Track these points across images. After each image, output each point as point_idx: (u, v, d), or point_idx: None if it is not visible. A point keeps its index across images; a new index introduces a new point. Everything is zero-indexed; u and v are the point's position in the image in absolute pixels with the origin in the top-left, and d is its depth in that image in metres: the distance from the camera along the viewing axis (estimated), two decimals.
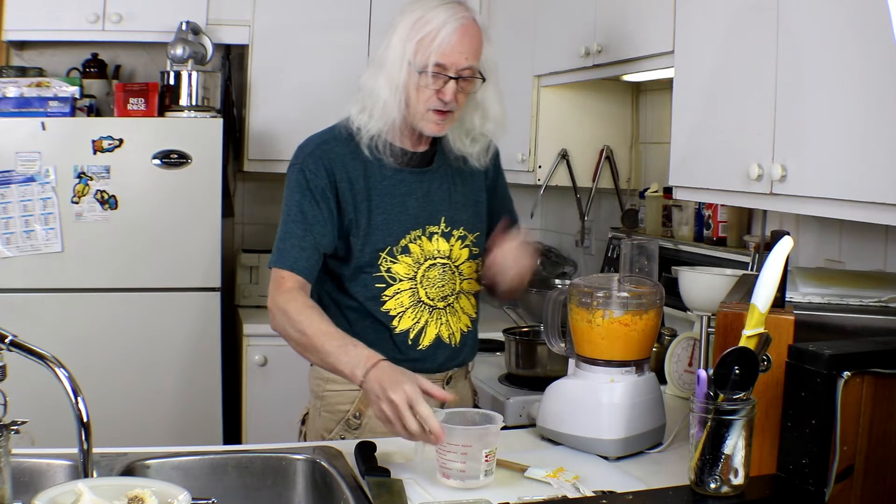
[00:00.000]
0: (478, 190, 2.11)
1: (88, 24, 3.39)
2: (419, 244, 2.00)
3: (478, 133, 2.04)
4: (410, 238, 1.99)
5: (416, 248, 1.99)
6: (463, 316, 2.08)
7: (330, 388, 2.04)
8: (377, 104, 1.93)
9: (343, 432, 2.01)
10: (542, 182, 3.28)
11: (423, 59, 1.88)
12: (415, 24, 1.89)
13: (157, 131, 3.25)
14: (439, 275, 2.01)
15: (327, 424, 2.04)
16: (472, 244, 2.07)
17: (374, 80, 1.94)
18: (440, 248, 2.02)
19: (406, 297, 1.99)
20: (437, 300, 2.02)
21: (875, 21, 1.58)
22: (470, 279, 2.07)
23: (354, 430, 2.01)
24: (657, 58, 2.45)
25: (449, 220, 2.03)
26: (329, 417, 2.04)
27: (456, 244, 2.04)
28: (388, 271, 1.98)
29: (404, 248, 1.98)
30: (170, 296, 3.29)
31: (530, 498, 1.57)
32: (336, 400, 2.03)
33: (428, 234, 2.01)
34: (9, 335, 1.35)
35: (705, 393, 1.48)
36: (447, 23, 1.88)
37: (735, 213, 2.69)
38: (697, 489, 1.51)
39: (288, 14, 3.63)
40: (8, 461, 1.33)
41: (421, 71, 1.89)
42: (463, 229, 2.05)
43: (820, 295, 1.79)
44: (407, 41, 1.89)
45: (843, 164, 1.71)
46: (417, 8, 1.92)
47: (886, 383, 1.49)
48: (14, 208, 3.13)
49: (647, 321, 1.84)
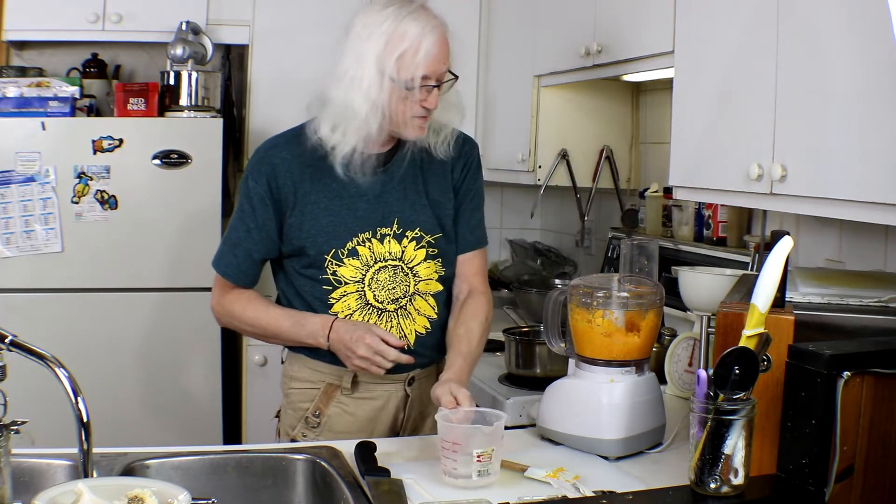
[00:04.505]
0: (442, 189, 2.05)
1: (88, 24, 3.39)
2: (368, 246, 1.97)
3: (438, 124, 2.00)
4: (358, 241, 1.96)
5: (364, 251, 1.97)
6: (419, 318, 2.02)
7: (293, 385, 2.06)
8: (353, 121, 1.87)
9: (304, 430, 2.03)
10: (542, 182, 3.28)
11: (408, 74, 1.84)
12: (389, 39, 1.84)
13: (157, 131, 3.25)
14: (390, 277, 1.98)
15: (291, 422, 2.06)
16: (429, 245, 2.01)
17: (345, 95, 1.87)
18: (391, 250, 1.98)
19: (353, 300, 1.97)
20: (386, 303, 1.98)
21: (875, 21, 1.58)
22: (428, 280, 2.02)
23: (314, 429, 2.02)
24: (657, 58, 2.45)
25: (402, 222, 1.99)
26: (292, 415, 2.06)
27: (409, 245, 2.00)
28: (334, 274, 1.96)
29: (351, 250, 1.96)
30: (170, 296, 3.28)
31: (530, 498, 1.57)
32: (298, 398, 2.05)
33: (379, 237, 1.97)
34: (9, 335, 1.35)
35: (705, 393, 1.48)
36: (424, 35, 1.84)
37: (735, 213, 2.69)
38: (697, 489, 1.51)
39: (288, 14, 3.63)
40: (8, 461, 1.33)
41: (409, 87, 1.85)
42: (419, 230, 2.00)
43: (820, 295, 1.79)
44: (384, 57, 1.84)
45: (843, 164, 1.71)
46: (382, 19, 1.86)
47: (886, 383, 1.49)
48: (14, 208, 3.13)
49: (647, 321, 1.84)
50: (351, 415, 2.02)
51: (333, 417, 2.02)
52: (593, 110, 3.32)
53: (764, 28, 1.91)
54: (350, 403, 2.02)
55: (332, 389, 2.01)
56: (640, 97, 3.35)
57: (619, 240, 2.99)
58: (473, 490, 1.61)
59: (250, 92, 3.64)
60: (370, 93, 1.85)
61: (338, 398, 2.01)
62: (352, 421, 2.01)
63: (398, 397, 2.04)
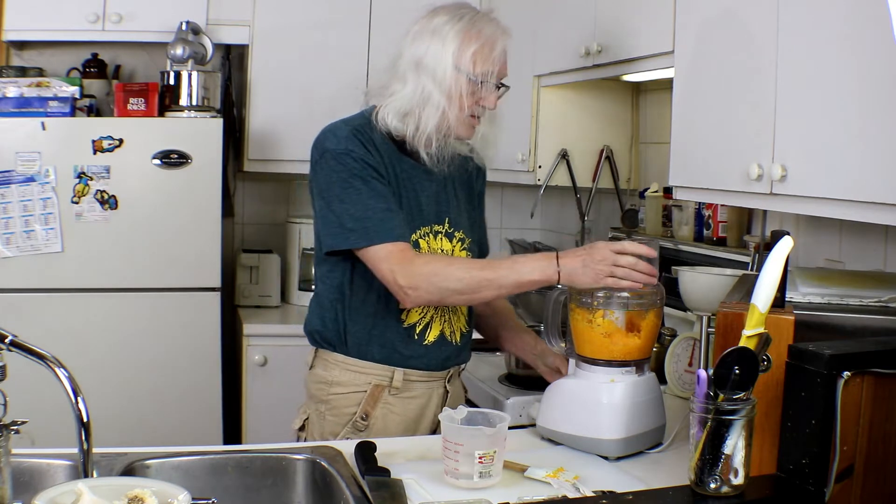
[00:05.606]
0: (468, 198, 2.15)
1: (88, 24, 3.40)
2: (427, 241, 2.01)
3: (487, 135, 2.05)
4: (421, 233, 2.00)
5: (424, 244, 2.00)
6: (462, 317, 2.09)
7: (335, 391, 2.03)
8: (429, 107, 1.94)
9: (350, 434, 2.01)
10: (542, 182, 3.28)
11: (483, 69, 1.94)
12: (465, 34, 1.93)
13: (157, 131, 3.25)
14: None
15: (333, 428, 2.03)
16: (468, 248, 2.08)
17: (416, 83, 1.94)
18: (443, 248, 2.03)
19: None
20: None
21: (875, 21, 1.58)
22: None
23: (361, 432, 2.00)
24: (657, 58, 2.45)
25: (452, 222, 2.06)
26: (335, 421, 2.03)
27: (457, 245, 2.06)
28: None
29: (415, 242, 1.98)
30: (170, 296, 3.29)
31: (530, 498, 1.57)
32: (342, 403, 2.03)
33: (434, 233, 2.02)
34: (9, 335, 1.35)
35: (705, 393, 1.48)
36: (497, 36, 1.96)
37: (735, 213, 2.69)
38: (697, 489, 1.51)
39: (288, 14, 3.63)
40: (8, 461, 1.33)
41: (482, 81, 1.94)
42: (463, 232, 2.08)
43: (820, 295, 1.79)
44: (460, 51, 1.93)
45: (843, 164, 1.71)
46: (458, 18, 1.95)
47: (886, 383, 1.49)
48: (14, 208, 3.13)
49: (648, 321, 1.84)
50: (398, 414, 2.02)
51: (380, 419, 2.01)
52: (593, 110, 3.32)
53: (764, 28, 1.91)
54: (396, 403, 2.02)
55: (378, 391, 2.01)
56: (640, 97, 3.35)
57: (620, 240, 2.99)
58: (474, 490, 1.61)
59: (250, 92, 3.64)
60: (442, 81, 1.93)
61: (384, 399, 2.01)
62: (399, 420, 2.02)
63: (439, 394, 2.06)
